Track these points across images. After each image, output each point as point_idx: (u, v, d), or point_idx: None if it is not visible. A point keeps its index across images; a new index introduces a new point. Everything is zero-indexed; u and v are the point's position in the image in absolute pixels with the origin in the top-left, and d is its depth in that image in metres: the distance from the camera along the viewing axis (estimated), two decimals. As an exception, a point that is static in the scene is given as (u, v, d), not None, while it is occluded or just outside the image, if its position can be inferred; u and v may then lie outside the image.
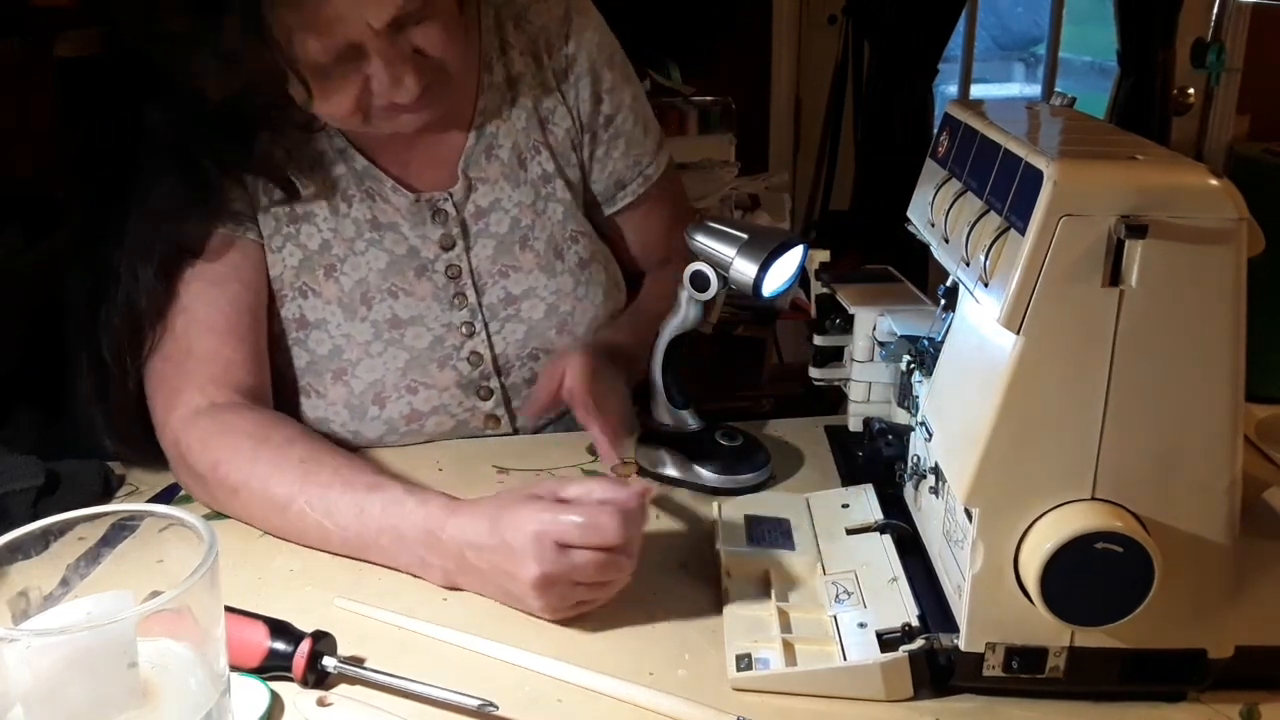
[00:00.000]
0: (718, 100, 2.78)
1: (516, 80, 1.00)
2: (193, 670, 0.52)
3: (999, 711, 0.64)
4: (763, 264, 0.83)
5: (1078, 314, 0.57)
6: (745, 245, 0.84)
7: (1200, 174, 0.56)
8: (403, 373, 0.97)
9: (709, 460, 0.91)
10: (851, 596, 0.71)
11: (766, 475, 0.91)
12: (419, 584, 0.78)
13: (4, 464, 0.87)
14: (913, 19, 2.91)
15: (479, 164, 0.99)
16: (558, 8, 1.02)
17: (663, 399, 0.93)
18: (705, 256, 0.86)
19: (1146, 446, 0.59)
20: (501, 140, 1.00)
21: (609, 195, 1.07)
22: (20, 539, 0.52)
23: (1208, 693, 0.64)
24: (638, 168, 1.07)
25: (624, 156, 1.06)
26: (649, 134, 1.08)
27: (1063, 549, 0.58)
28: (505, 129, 1.00)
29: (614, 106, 1.04)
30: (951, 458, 0.65)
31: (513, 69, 1.00)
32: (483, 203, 0.99)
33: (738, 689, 0.66)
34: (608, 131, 1.05)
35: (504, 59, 1.00)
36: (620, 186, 1.07)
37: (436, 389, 0.98)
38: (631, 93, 1.06)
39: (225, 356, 0.90)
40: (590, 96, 1.03)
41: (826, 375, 0.91)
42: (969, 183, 0.68)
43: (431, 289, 0.98)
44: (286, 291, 0.95)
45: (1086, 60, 4.14)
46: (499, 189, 1.00)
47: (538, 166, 1.01)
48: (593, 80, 1.03)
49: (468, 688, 0.64)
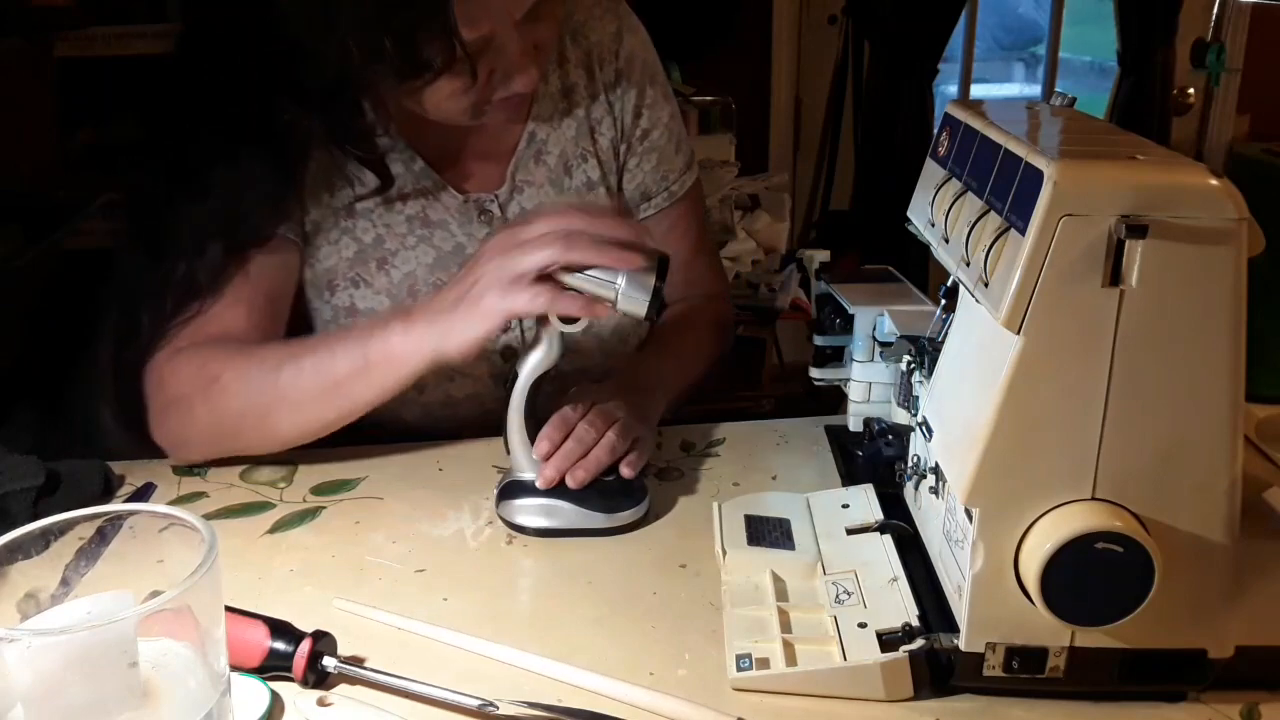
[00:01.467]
0: (718, 100, 2.78)
1: (570, 90, 1.05)
2: (193, 670, 0.52)
3: (999, 711, 0.64)
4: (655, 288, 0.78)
5: (1078, 314, 0.57)
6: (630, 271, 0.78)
7: (1200, 174, 0.56)
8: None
9: (590, 501, 0.84)
10: (851, 596, 0.71)
11: (646, 508, 0.86)
12: (418, 584, 0.78)
13: (4, 464, 0.87)
14: (913, 19, 2.91)
15: (527, 168, 1.04)
16: (611, 25, 1.06)
17: (525, 446, 0.85)
18: (575, 281, 0.78)
19: (1146, 446, 0.59)
20: (550, 147, 1.05)
21: (633, 205, 1.11)
22: (20, 539, 0.52)
23: (1208, 693, 0.64)
24: (664, 182, 1.10)
25: (654, 170, 1.10)
26: (680, 153, 1.12)
27: (1063, 549, 0.58)
28: (555, 136, 1.05)
29: (651, 121, 1.08)
30: (951, 458, 0.65)
31: (567, 80, 1.05)
32: (527, 205, 1.03)
33: (738, 689, 0.66)
34: (642, 145, 1.09)
35: (560, 70, 1.04)
36: (646, 198, 1.10)
37: (471, 378, 1.02)
38: (669, 111, 1.10)
39: (227, 320, 0.93)
40: (633, 109, 1.07)
41: (826, 375, 0.91)
42: (969, 183, 0.68)
43: None
44: (339, 281, 0.99)
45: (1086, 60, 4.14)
46: (543, 193, 1.04)
47: (582, 174, 1.06)
48: (637, 94, 1.07)
49: (468, 688, 0.64)
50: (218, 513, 0.87)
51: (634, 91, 1.07)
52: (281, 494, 0.91)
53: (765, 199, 2.74)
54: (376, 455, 0.97)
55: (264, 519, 0.87)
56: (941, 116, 0.78)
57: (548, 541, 0.84)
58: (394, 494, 0.91)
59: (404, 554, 0.82)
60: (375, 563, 0.81)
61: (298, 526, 0.86)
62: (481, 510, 0.88)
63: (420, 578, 0.79)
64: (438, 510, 0.88)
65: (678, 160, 1.11)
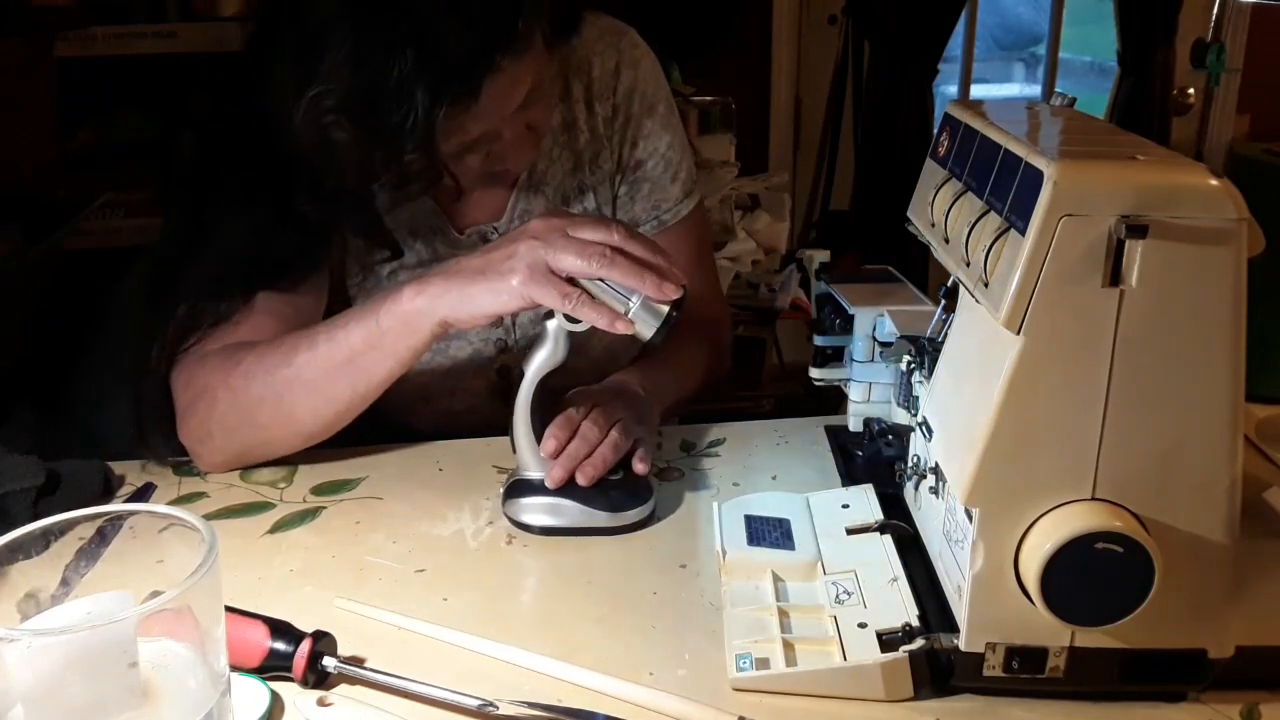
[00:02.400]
0: (718, 100, 2.78)
1: (571, 125, 1.07)
2: (193, 670, 0.52)
3: (999, 711, 0.64)
4: (669, 316, 0.78)
5: (1078, 314, 0.57)
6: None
7: (1200, 174, 0.56)
8: (444, 377, 1.06)
9: (596, 500, 0.83)
10: (851, 596, 0.71)
11: (652, 507, 0.86)
12: (419, 584, 0.78)
13: (4, 464, 0.87)
14: (913, 19, 2.90)
15: (527, 199, 1.06)
16: (610, 60, 1.08)
17: (531, 444, 0.84)
18: (591, 284, 0.79)
19: (1146, 446, 0.59)
20: (549, 180, 1.07)
21: None
22: (20, 539, 0.52)
23: (1208, 693, 0.64)
24: (655, 211, 1.11)
25: (645, 199, 1.11)
26: (677, 181, 1.12)
27: (1063, 549, 0.58)
28: (553, 170, 1.07)
29: (646, 153, 1.10)
30: (951, 458, 0.65)
31: (568, 115, 1.07)
32: None
33: (738, 689, 0.66)
34: (635, 174, 1.10)
35: (562, 106, 1.06)
36: (634, 225, 1.11)
37: (471, 393, 1.08)
38: (667, 141, 1.10)
39: (255, 327, 0.95)
40: (629, 141, 1.09)
41: (826, 375, 0.91)
42: (969, 183, 0.68)
43: None
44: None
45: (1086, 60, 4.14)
46: None
47: (579, 206, 1.09)
48: (634, 127, 1.09)
49: (468, 688, 0.64)
50: (218, 513, 0.87)
51: (630, 125, 1.08)
52: (281, 494, 0.91)
53: (765, 199, 2.74)
54: (377, 455, 0.97)
55: (264, 519, 0.87)
56: (941, 116, 0.78)
57: (548, 541, 0.84)
58: (394, 494, 0.91)
59: (404, 554, 0.82)
60: (375, 563, 0.81)
61: (298, 526, 0.86)
62: (481, 510, 0.88)
63: (420, 578, 0.79)
64: (438, 510, 0.88)
65: (673, 189, 1.11)
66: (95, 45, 1.96)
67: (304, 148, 0.84)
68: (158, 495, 0.91)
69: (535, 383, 0.83)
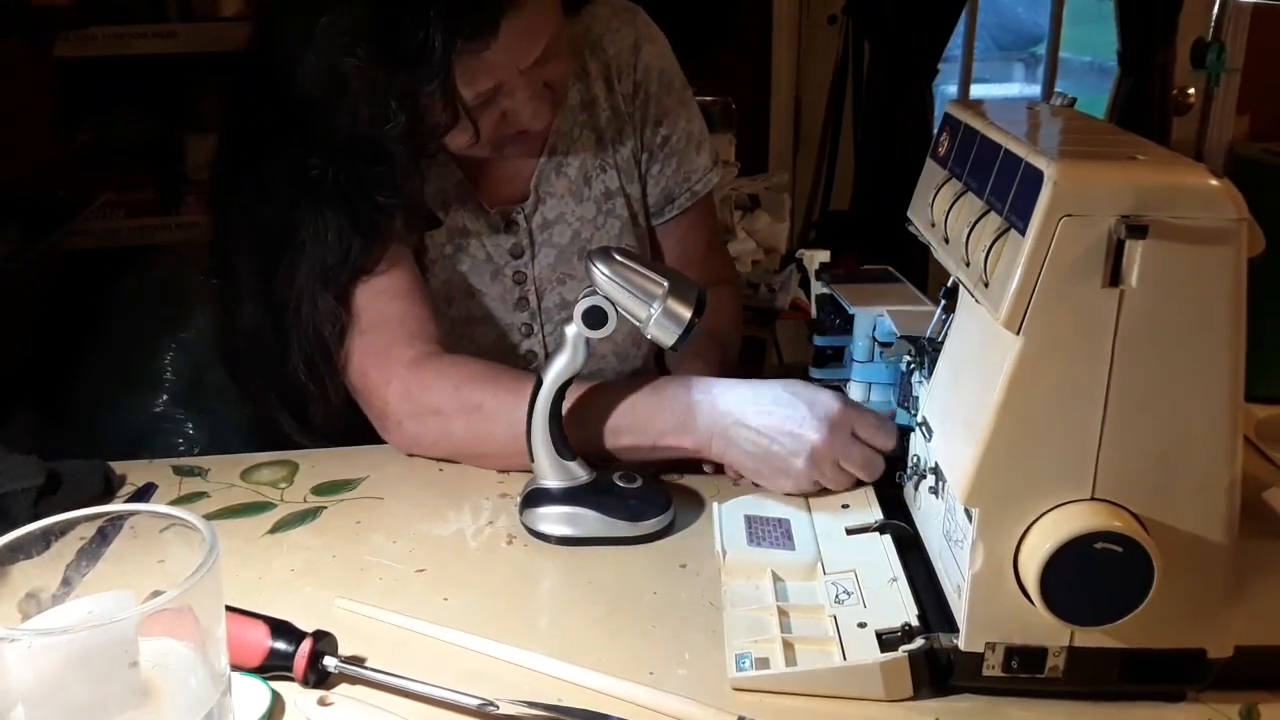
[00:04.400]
0: (718, 100, 2.77)
1: (590, 104, 1.07)
2: (194, 670, 0.52)
3: (999, 711, 0.64)
4: (690, 323, 0.78)
5: (1078, 314, 0.57)
6: (674, 286, 0.78)
7: (1200, 174, 0.56)
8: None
9: (615, 509, 0.82)
10: (851, 596, 0.71)
11: (671, 516, 0.84)
12: (419, 584, 0.78)
13: (4, 464, 0.87)
14: (913, 19, 2.90)
15: (549, 180, 1.07)
16: (628, 37, 1.08)
17: (550, 453, 0.83)
18: (611, 290, 0.79)
19: (1146, 446, 0.59)
20: (571, 159, 1.07)
21: (658, 209, 1.14)
22: (21, 539, 0.52)
23: (1207, 693, 0.64)
24: (686, 184, 1.14)
25: (676, 173, 1.13)
26: (701, 153, 1.15)
27: (1062, 549, 0.58)
28: (575, 149, 1.07)
29: (670, 129, 1.11)
30: (951, 458, 0.65)
31: (588, 93, 1.07)
32: (549, 215, 1.07)
33: (738, 689, 0.66)
34: (663, 151, 1.11)
35: (581, 84, 1.07)
36: (669, 200, 1.14)
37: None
38: (687, 115, 1.13)
39: (415, 314, 0.97)
40: (652, 119, 1.10)
41: (826, 375, 0.91)
42: (969, 183, 0.68)
43: (500, 292, 1.06)
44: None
45: (1086, 60, 4.14)
46: (564, 204, 1.07)
47: (601, 184, 1.08)
48: (655, 105, 1.10)
49: (468, 687, 0.64)
50: (218, 513, 0.88)
51: (651, 103, 1.09)
52: (282, 494, 0.91)
53: (765, 199, 2.74)
54: (376, 455, 0.97)
55: (265, 519, 0.87)
56: (941, 116, 0.78)
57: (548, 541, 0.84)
58: (394, 494, 0.91)
59: (404, 554, 0.82)
60: (376, 562, 0.81)
61: (298, 526, 0.86)
62: (482, 510, 0.88)
63: (421, 577, 0.79)
64: (438, 510, 0.88)
65: (699, 160, 1.14)
66: (95, 45, 1.96)
67: (318, 86, 0.83)
68: (158, 495, 0.91)
69: (554, 390, 0.82)
